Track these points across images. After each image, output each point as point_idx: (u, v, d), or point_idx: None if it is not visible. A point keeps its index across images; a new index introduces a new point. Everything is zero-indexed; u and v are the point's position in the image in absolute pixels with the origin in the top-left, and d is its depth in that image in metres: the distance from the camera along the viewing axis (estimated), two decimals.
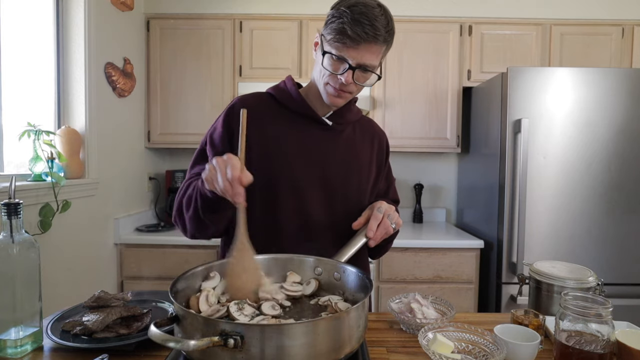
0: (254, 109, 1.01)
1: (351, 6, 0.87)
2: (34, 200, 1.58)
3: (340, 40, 0.87)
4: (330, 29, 0.89)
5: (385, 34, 0.88)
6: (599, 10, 2.46)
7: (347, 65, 0.89)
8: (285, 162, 0.99)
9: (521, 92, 1.98)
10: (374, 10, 0.87)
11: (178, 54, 2.44)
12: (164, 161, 2.78)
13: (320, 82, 0.96)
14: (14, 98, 1.69)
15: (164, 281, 2.17)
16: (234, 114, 1.00)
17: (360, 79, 0.92)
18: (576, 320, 0.71)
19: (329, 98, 0.96)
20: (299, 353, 0.58)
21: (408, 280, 2.19)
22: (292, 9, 2.44)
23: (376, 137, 1.13)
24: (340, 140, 1.05)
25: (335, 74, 0.91)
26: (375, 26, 0.86)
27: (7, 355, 0.73)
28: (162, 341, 0.55)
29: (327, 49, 0.91)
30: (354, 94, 0.98)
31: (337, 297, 0.82)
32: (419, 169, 2.82)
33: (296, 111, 1.02)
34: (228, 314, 0.70)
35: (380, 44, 0.89)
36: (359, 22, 0.85)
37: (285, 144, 1.00)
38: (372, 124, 1.16)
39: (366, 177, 1.08)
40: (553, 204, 2.00)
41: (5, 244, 0.73)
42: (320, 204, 1.01)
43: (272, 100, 1.05)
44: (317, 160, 1.01)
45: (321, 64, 0.93)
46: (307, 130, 1.02)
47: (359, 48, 0.87)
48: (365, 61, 0.89)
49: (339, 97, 0.96)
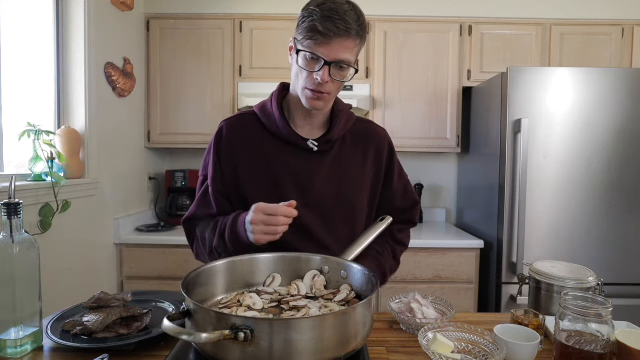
0: (239, 133, 1.04)
1: (320, 4, 0.88)
2: (34, 200, 1.58)
3: (312, 37, 0.88)
4: (302, 28, 0.90)
5: (357, 28, 0.89)
6: (599, 10, 2.46)
7: (322, 62, 0.89)
8: (272, 186, 1.00)
9: (521, 92, 1.98)
10: (343, 7, 0.88)
11: (178, 54, 2.44)
12: (164, 161, 2.78)
13: (298, 87, 0.96)
14: (14, 98, 1.69)
15: (164, 281, 2.17)
16: (222, 140, 1.04)
17: (337, 76, 0.92)
18: (576, 320, 0.71)
19: (308, 102, 0.95)
20: (307, 347, 0.60)
21: (408, 280, 2.19)
22: (292, 9, 2.44)
23: (372, 142, 1.09)
24: (327, 160, 1.04)
25: (311, 71, 0.90)
26: (346, 20, 0.87)
27: (7, 355, 0.73)
28: (176, 334, 0.57)
29: (301, 48, 0.91)
30: (332, 95, 0.96)
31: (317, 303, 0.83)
32: (419, 169, 2.82)
33: (281, 138, 1.03)
34: None
35: (353, 38, 0.89)
36: (329, 17, 0.86)
37: (271, 168, 1.01)
38: (369, 128, 1.12)
39: (359, 189, 1.06)
40: (553, 204, 2.00)
41: (5, 244, 0.73)
42: (313, 224, 1.01)
43: (258, 122, 1.05)
44: (304, 184, 1.01)
45: (297, 64, 0.93)
46: (294, 154, 1.02)
47: (332, 44, 0.88)
48: (339, 56, 0.89)
49: (318, 100, 0.94)
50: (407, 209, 1.16)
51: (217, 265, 0.85)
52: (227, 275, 0.86)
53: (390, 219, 1.01)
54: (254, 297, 0.79)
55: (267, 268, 0.90)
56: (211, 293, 0.83)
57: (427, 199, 2.84)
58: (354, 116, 1.11)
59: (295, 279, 0.89)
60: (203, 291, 0.81)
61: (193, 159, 2.80)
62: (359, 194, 1.06)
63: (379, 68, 2.44)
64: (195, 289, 0.78)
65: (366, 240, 0.93)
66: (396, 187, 1.13)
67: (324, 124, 1.06)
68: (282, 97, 1.06)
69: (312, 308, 0.76)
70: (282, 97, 1.06)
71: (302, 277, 0.89)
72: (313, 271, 0.89)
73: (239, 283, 0.87)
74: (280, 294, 0.84)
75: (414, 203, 1.17)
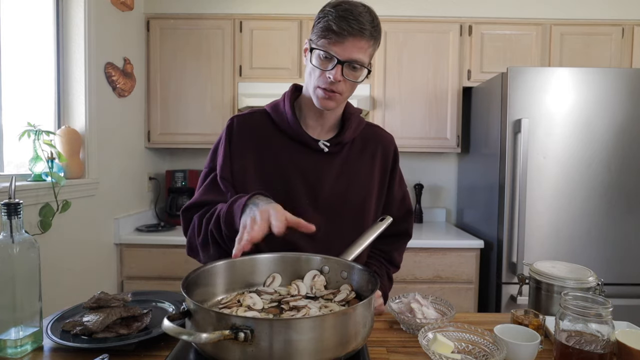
0: (250, 128, 1.04)
1: (336, 5, 0.90)
2: (34, 200, 1.58)
3: (327, 36, 0.89)
4: (317, 28, 0.92)
5: (371, 29, 0.90)
6: (599, 10, 2.47)
7: (336, 61, 0.90)
8: (280, 183, 1.00)
9: (521, 92, 1.98)
10: (358, 8, 0.90)
11: (178, 54, 2.44)
12: (164, 161, 2.78)
13: (310, 86, 0.97)
14: (14, 98, 1.69)
15: (164, 281, 2.17)
16: (233, 131, 1.04)
17: (349, 75, 0.93)
18: (576, 320, 0.71)
19: (319, 102, 0.96)
20: (307, 347, 0.60)
21: (408, 280, 2.19)
22: (292, 9, 2.44)
23: (379, 147, 1.11)
24: (337, 162, 1.04)
25: (324, 70, 0.92)
26: (360, 21, 0.88)
27: (7, 355, 0.73)
28: (175, 334, 0.57)
29: (315, 47, 0.93)
30: (344, 95, 0.97)
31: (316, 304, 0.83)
32: (419, 169, 2.82)
33: (292, 137, 1.03)
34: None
35: (367, 39, 0.90)
36: (343, 17, 0.88)
37: (281, 166, 1.01)
38: (376, 132, 1.13)
39: (367, 192, 1.07)
40: (553, 204, 2.00)
41: (5, 244, 0.73)
42: (320, 223, 1.00)
43: (269, 120, 1.05)
44: (313, 183, 1.01)
45: (310, 63, 0.95)
46: (304, 153, 1.02)
47: (346, 43, 0.89)
48: (353, 56, 0.90)
49: (330, 100, 0.95)
50: (402, 219, 1.16)
51: (217, 265, 0.85)
52: (227, 275, 0.86)
53: (390, 219, 1.01)
54: (254, 297, 0.79)
55: (267, 268, 0.90)
56: (211, 293, 0.83)
57: (427, 199, 2.84)
58: (364, 120, 1.12)
59: (295, 279, 0.89)
60: (203, 291, 0.81)
61: (193, 159, 2.80)
62: (366, 197, 1.07)
63: (379, 68, 2.44)
64: (195, 289, 0.77)
65: (366, 240, 0.93)
66: (396, 194, 1.14)
67: (334, 126, 1.07)
68: (294, 98, 1.07)
69: (312, 308, 0.76)
70: (294, 97, 1.07)
71: (302, 277, 0.89)
72: (313, 271, 0.89)
73: (239, 283, 0.87)
74: (280, 294, 0.84)
75: (408, 212, 1.18)
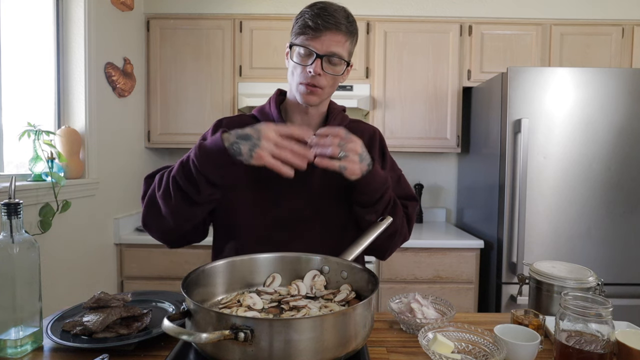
0: (240, 127, 1.03)
1: (311, 6, 0.96)
2: (34, 200, 1.58)
3: (304, 32, 0.94)
4: (295, 28, 0.97)
5: (347, 24, 0.95)
6: (599, 10, 2.46)
7: (315, 56, 0.93)
8: (265, 179, 1.00)
9: (521, 92, 1.98)
10: (332, 6, 0.96)
11: (178, 54, 2.44)
12: (164, 161, 2.78)
13: (293, 84, 1.00)
14: (14, 98, 1.69)
15: (164, 281, 2.17)
16: (221, 126, 1.05)
17: (329, 69, 0.96)
18: (576, 320, 0.71)
19: (302, 97, 0.99)
20: (307, 347, 0.60)
21: (408, 280, 2.19)
22: (292, 9, 2.44)
23: (365, 137, 1.09)
24: None
25: (304, 65, 0.95)
26: (336, 17, 0.93)
27: (7, 355, 0.73)
28: (176, 334, 0.57)
29: (294, 43, 0.97)
30: (325, 90, 0.99)
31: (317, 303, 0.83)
32: (419, 169, 2.82)
33: None
34: None
35: (343, 33, 0.95)
36: (319, 15, 0.93)
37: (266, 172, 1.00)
38: (360, 126, 1.15)
39: None
40: (553, 204, 2.00)
41: (5, 244, 0.73)
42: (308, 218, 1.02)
43: (257, 122, 1.05)
44: (302, 178, 1.00)
45: (291, 61, 0.98)
46: None
47: (323, 37, 0.93)
48: (330, 49, 0.94)
49: (312, 95, 0.98)
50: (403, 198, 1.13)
51: (217, 265, 0.85)
52: (227, 275, 0.86)
53: (390, 219, 1.01)
54: (254, 297, 0.79)
55: (267, 268, 0.90)
56: (211, 293, 0.83)
57: (427, 199, 2.84)
58: (348, 117, 1.15)
59: (295, 279, 0.89)
60: (203, 291, 0.81)
61: None
62: None
63: (378, 68, 2.44)
64: (195, 289, 0.78)
65: (366, 240, 0.93)
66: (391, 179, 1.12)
67: (319, 125, 1.09)
68: (279, 101, 1.10)
69: (312, 308, 0.76)
70: (279, 101, 1.10)
71: (302, 277, 0.89)
72: (313, 271, 0.89)
73: (239, 283, 0.87)
74: (280, 294, 0.84)
75: (409, 196, 1.14)
